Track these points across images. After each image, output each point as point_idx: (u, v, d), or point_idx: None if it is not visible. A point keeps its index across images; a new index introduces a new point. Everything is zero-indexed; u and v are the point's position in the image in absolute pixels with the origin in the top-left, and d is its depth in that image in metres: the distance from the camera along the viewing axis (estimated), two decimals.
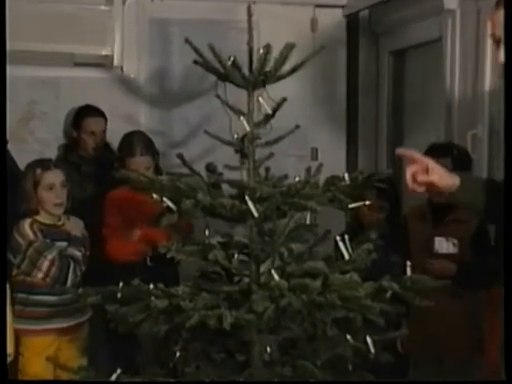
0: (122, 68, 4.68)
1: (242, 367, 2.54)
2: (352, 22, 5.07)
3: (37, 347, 3.59)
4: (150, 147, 3.97)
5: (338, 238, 2.53)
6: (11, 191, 3.05)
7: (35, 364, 3.57)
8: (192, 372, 2.54)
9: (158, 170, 3.92)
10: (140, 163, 3.84)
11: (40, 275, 3.53)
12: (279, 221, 2.53)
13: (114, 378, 2.50)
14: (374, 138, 5.19)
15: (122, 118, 4.60)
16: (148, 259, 3.75)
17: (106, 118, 4.52)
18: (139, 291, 2.51)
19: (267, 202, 2.49)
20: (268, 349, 2.50)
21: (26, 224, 3.58)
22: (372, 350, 2.53)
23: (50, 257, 3.52)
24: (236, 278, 2.63)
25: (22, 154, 4.08)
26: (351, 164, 5.13)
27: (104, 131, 4.52)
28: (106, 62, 4.63)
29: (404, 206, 3.97)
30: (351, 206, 2.53)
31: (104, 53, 4.57)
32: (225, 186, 2.60)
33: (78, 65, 4.66)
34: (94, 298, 2.57)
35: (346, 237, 2.53)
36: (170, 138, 4.83)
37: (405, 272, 2.51)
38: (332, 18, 5.00)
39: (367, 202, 2.58)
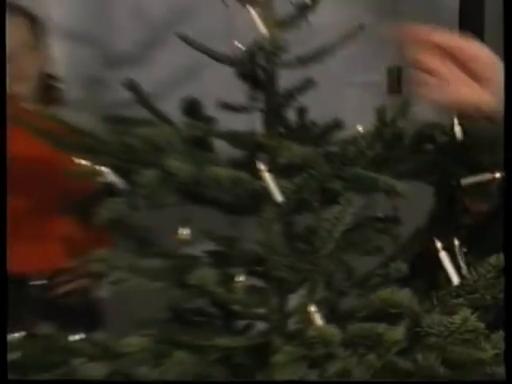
0: None
1: None
2: None
3: None
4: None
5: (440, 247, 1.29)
6: None
7: None
8: None
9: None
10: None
11: None
12: (325, 211, 1.29)
13: None
14: None
15: None
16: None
17: None
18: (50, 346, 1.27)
19: (302, 176, 1.25)
20: None
21: None
22: None
23: None
24: (240, 323, 1.39)
25: None
26: None
27: None
28: None
29: None
30: (466, 180, 1.30)
31: None
32: (219, 144, 1.35)
33: None
34: None
35: (457, 243, 1.30)
36: (108, 47, 2.78)
37: None
38: None
39: (498, 175, 1.32)
